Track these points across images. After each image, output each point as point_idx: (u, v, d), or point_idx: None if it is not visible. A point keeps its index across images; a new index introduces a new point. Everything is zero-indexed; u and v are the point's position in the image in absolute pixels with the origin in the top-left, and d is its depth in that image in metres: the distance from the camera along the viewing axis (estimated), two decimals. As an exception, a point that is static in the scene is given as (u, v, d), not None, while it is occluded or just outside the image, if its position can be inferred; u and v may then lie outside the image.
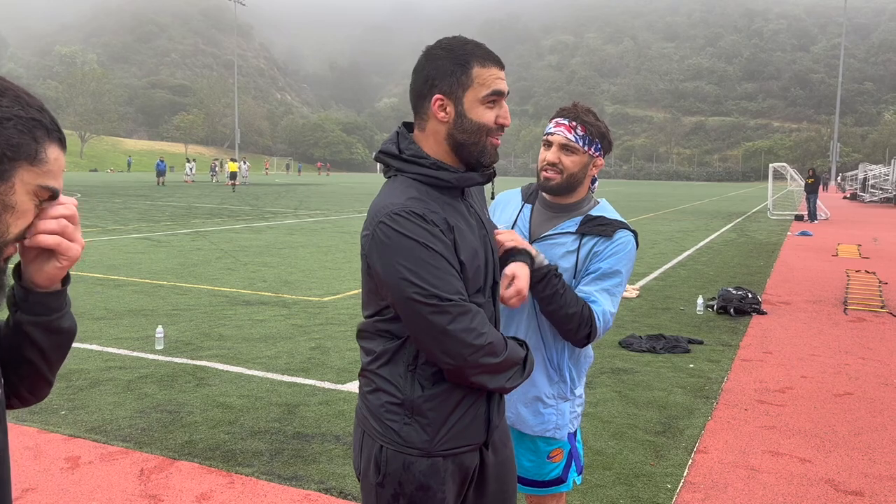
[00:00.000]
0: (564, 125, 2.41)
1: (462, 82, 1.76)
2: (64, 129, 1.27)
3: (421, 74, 1.81)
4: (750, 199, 41.16)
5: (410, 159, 1.81)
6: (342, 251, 14.13)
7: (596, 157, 2.47)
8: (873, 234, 19.85)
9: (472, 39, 1.81)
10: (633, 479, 4.15)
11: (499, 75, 1.80)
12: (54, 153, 1.20)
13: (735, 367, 6.52)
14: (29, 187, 1.17)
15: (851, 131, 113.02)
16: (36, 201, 1.19)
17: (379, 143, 28.59)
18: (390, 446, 1.81)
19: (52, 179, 1.20)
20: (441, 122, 1.79)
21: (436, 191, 1.80)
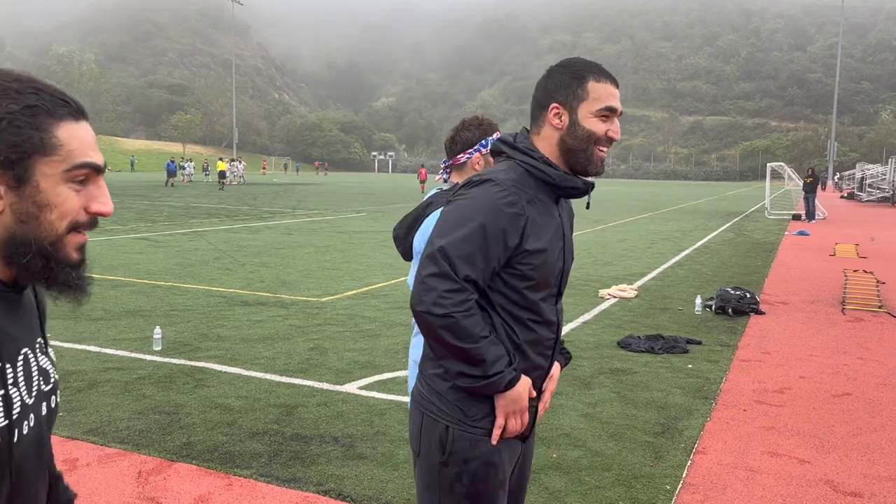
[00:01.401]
0: None
1: (578, 94, 1.94)
2: None
3: (542, 87, 2.01)
4: (747, 199, 41.20)
5: (522, 149, 1.98)
6: (340, 251, 14.12)
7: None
8: (871, 234, 19.87)
9: (591, 60, 2.00)
10: (633, 480, 4.14)
11: (613, 93, 1.97)
12: (67, 131, 1.11)
13: (733, 367, 6.52)
14: (56, 178, 1.10)
15: (849, 131, 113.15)
16: (76, 185, 1.12)
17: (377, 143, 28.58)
18: (456, 426, 1.92)
19: (80, 156, 1.12)
20: (555, 129, 1.97)
21: (536, 183, 1.95)
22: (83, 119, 1.15)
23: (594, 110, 1.93)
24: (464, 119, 3.08)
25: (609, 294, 9.84)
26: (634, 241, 17.16)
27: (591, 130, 1.93)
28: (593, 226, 21.40)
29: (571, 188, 1.96)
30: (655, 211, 29.78)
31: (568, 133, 1.94)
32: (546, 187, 1.95)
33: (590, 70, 1.96)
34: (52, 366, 1.27)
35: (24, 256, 1.11)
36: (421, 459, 2.00)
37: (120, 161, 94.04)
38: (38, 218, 1.10)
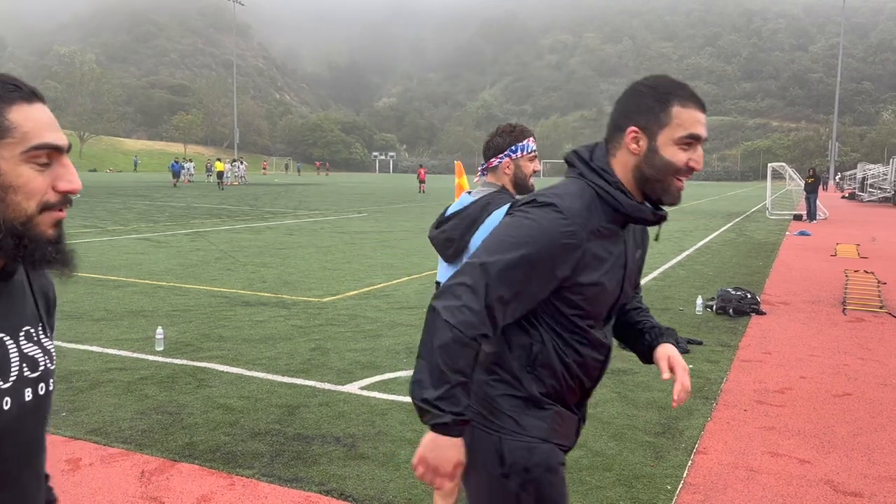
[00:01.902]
0: None
1: (660, 119, 1.78)
2: (63, 129, 1.22)
3: (621, 106, 1.86)
4: (749, 199, 41.18)
5: (597, 169, 1.85)
6: (342, 251, 14.13)
7: None
8: (872, 234, 19.87)
9: (678, 80, 1.83)
10: (633, 480, 4.16)
11: (699, 119, 1.81)
12: (21, 113, 1.14)
13: (734, 367, 6.53)
14: (15, 159, 1.13)
15: (850, 131, 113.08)
16: (38, 166, 1.15)
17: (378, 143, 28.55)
18: (510, 436, 1.87)
19: (35, 137, 1.14)
20: (632, 154, 1.83)
21: (604, 209, 1.83)
22: (37, 101, 1.17)
23: (676, 137, 1.78)
24: (499, 125, 3.22)
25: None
26: (635, 242, 17.15)
27: (669, 160, 1.79)
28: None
29: (641, 218, 1.86)
30: (656, 211, 29.75)
31: (645, 160, 1.81)
32: (615, 213, 1.84)
33: (675, 94, 1.79)
34: (44, 354, 1.28)
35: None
36: (476, 473, 1.92)
37: (122, 161, 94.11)
38: (3, 200, 1.13)
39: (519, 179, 3.12)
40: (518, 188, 3.13)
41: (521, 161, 3.10)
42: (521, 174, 3.11)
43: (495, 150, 3.11)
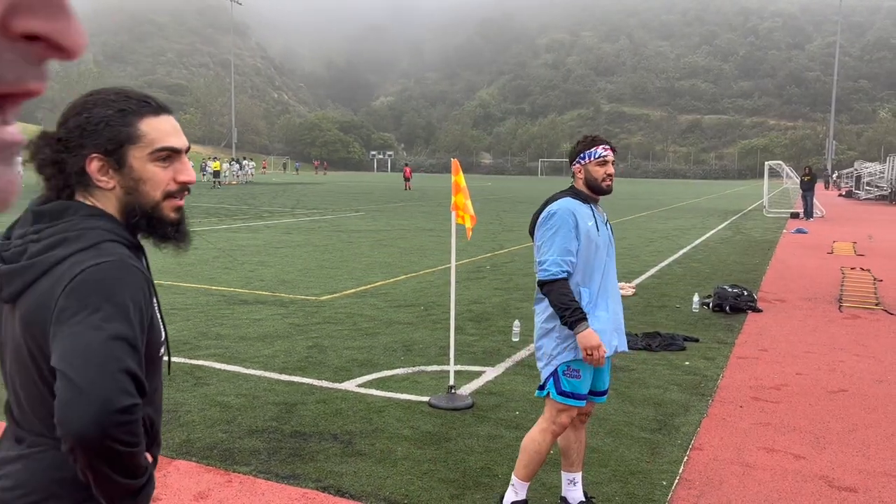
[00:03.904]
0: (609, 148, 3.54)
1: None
2: None
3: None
4: (746, 197, 41.24)
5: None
6: (339, 250, 14.14)
7: None
8: (868, 232, 19.91)
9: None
10: (629, 476, 4.17)
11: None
12: (149, 124, 1.51)
13: (730, 364, 6.55)
14: (144, 159, 1.52)
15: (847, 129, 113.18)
16: (161, 163, 1.54)
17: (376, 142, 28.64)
18: None
19: (159, 142, 1.52)
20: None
21: None
22: (163, 113, 1.55)
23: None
24: None
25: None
26: (632, 240, 17.18)
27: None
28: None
29: None
30: (654, 209, 29.81)
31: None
32: None
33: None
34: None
35: (134, 218, 1.55)
36: None
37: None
38: (137, 189, 1.53)
39: (590, 182, 3.51)
40: (592, 190, 3.53)
41: (590, 166, 3.49)
42: (591, 177, 3.49)
43: (570, 159, 3.57)
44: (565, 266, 3.34)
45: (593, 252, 3.44)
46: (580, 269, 3.41)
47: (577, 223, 3.39)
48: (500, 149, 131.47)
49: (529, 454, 3.54)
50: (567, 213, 3.39)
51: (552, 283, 3.34)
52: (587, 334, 3.30)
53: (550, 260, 3.35)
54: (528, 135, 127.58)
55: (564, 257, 3.35)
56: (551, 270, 3.34)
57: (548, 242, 3.40)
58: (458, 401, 5.26)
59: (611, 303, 3.52)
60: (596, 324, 3.39)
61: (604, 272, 3.49)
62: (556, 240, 3.37)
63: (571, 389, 3.42)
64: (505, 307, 8.85)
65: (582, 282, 3.42)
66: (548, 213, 3.44)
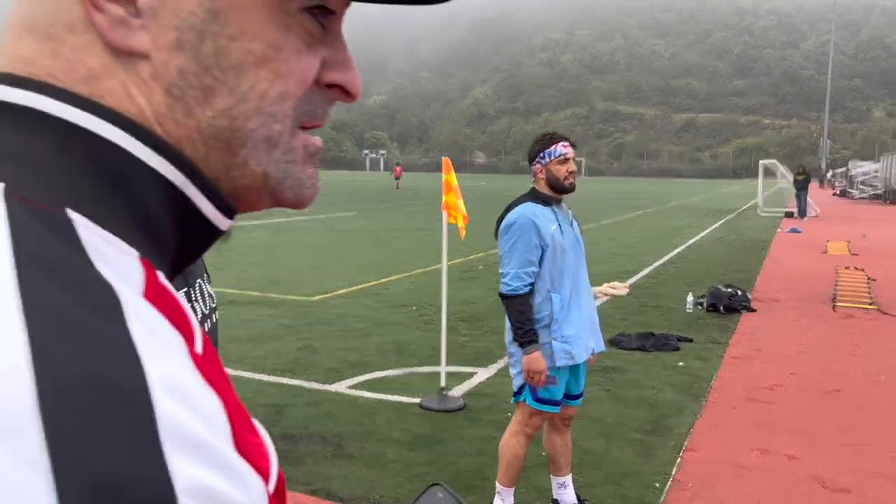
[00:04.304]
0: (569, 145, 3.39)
1: None
2: None
3: None
4: (740, 196, 41.31)
5: None
6: (331, 250, 14.09)
7: None
8: (863, 231, 19.93)
9: None
10: (622, 478, 4.14)
11: None
12: None
13: (724, 364, 6.52)
14: None
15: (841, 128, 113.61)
16: None
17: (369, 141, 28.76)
18: None
19: None
20: None
21: None
22: None
23: None
24: None
25: (601, 292, 9.82)
26: (627, 239, 17.18)
27: None
28: (586, 223, 21.35)
29: None
30: (648, 208, 29.83)
31: None
32: None
33: None
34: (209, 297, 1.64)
35: None
36: None
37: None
38: None
39: (552, 182, 3.39)
40: (554, 189, 3.41)
41: (551, 166, 3.36)
42: (553, 177, 3.37)
43: (529, 159, 3.44)
44: (526, 279, 3.29)
45: (560, 256, 3.36)
46: (549, 276, 3.34)
47: (539, 230, 3.31)
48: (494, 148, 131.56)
49: (507, 459, 3.51)
50: (526, 222, 3.31)
51: (511, 298, 3.31)
52: (534, 357, 3.27)
53: (511, 273, 3.30)
54: (522, 133, 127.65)
55: (525, 269, 3.29)
56: (512, 285, 3.30)
57: (508, 254, 3.34)
58: (450, 402, 5.22)
59: (584, 304, 3.46)
60: (570, 328, 3.34)
61: (574, 274, 3.43)
62: (516, 252, 3.31)
63: (549, 396, 3.40)
64: (497, 307, 8.76)
65: (553, 287, 3.35)
66: (507, 224, 3.37)
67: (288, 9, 0.47)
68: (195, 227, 0.51)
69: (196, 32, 0.46)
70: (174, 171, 0.47)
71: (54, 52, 0.45)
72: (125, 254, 0.40)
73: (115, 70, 0.45)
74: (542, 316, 3.35)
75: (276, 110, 0.49)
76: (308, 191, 0.55)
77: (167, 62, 0.46)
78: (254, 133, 0.49)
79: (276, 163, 0.51)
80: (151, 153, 0.46)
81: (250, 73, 0.47)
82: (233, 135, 0.48)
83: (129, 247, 0.41)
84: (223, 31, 0.46)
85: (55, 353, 0.32)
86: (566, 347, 3.34)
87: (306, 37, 0.49)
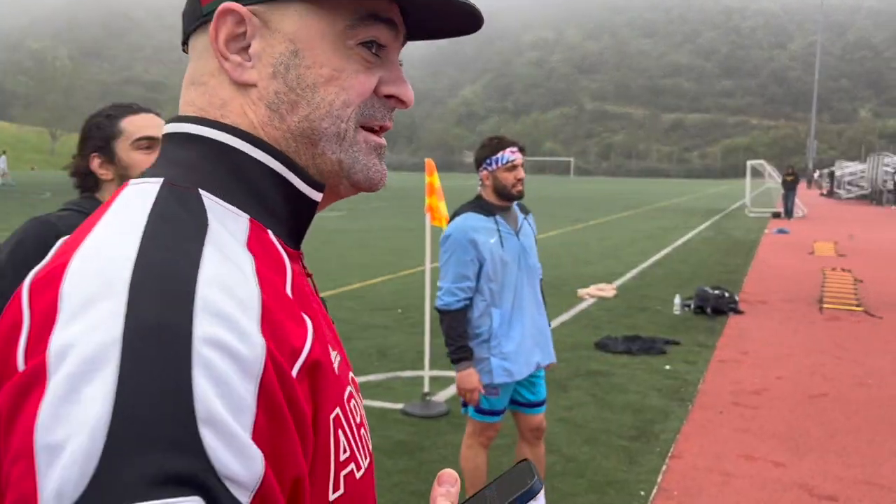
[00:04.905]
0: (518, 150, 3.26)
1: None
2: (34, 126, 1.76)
3: None
4: (728, 197, 41.42)
5: None
6: (317, 251, 13.98)
7: None
8: (850, 231, 19.99)
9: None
10: (606, 486, 4.07)
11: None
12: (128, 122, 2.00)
13: (711, 368, 6.47)
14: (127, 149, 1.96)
15: (828, 128, 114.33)
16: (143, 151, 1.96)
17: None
18: None
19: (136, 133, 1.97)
20: None
21: None
22: (141, 112, 2.03)
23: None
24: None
25: (588, 294, 9.78)
26: (615, 240, 17.15)
27: None
28: (573, 224, 21.38)
29: None
30: (636, 209, 29.85)
31: None
32: None
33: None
34: None
35: None
36: None
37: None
38: (128, 176, 1.89)
39: (499, 190, 3.24)
40: (501, 197, 3.26)
41: (498, 173, 3.21)
42: (500, 185, 3.22)
43: (476, 164, 3.30)
44: (461, 294, 3.21)
45: (500, 269, 3.23)
46: (487, 290, 3.23)
47: (477, 244, 3.19)
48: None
49: (469, 472, 3.45)
50: (462, 236, 3.20)
51: (444, 313, 3.23)
52: (466, 375, 3.18)
53: (445, 288, 3.23)
54: (511, 133, 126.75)
55: (459, 284, 3.20)
56: (444, 300, 3.22)
57: (443, 268, 3.26)
58: (433, 408, 5.14)
59: (527, 319, 3.33)
60: (510, 345, 3.24)
61: (516, 287, 3.29)
62: (450, 266, 3.23)
63: (490, 407, 3.34)
64: (484, 309, 8.72)
65: (493, 302, 3.24)
66: (444, 236, 3.29)
67: (346, 44, 0.73)
68: (296, 199, 0.75)
69: (284, 66, 0.72)
70: (275, 161, 0.72)
71: (203, 93, 0.75)
72: (236, 215, 0.68)
73: (236, 97, 0.73)
74: (481, 331, 3.25)
75: (341, 114, 0.73)
76: (375, 175, 0.79)
77: (267, 87, 0.72)
78: (327, 130, 0.73)
79: (345, 152, 0.75)
80: (259, 151, 0.72)
81: (321, 89, 0.73)
82: (312, 133, 0.73)
83: (242, 212, 0.68)
84: (302, 62, 0.72)
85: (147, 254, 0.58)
86: (505, 364, 3.23)
87: (363, 62, 0.74)
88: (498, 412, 3.36)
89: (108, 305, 0.54)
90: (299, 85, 0.72)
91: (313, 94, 0.72)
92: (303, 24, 0.71)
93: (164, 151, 0.73)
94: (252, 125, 0.72)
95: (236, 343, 0.55)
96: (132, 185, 0.68)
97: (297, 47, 0.72)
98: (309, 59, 0.72)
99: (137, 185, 0.68)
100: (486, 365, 3.24)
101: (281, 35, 0.72)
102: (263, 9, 0.71)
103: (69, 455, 0.49)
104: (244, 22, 0.71)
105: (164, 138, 0.75)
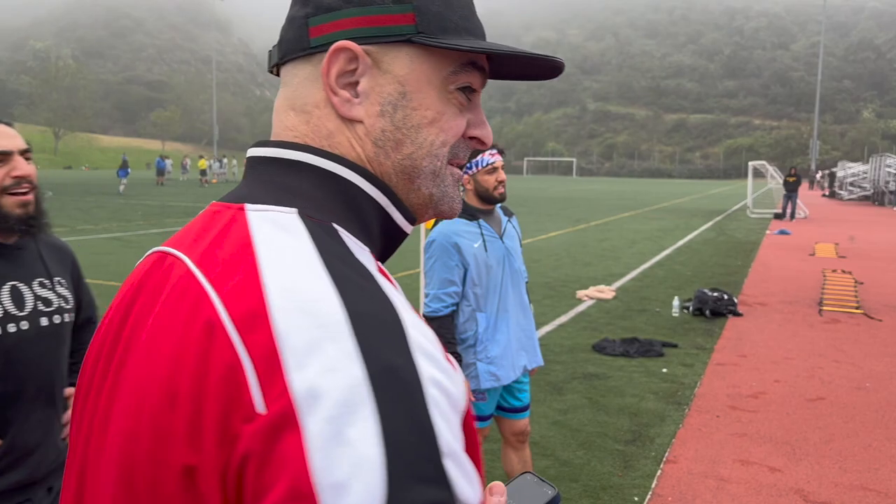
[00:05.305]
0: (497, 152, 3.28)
1: None
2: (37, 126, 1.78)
3: None
4: (730, 197, 41.33)
5: None
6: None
7: None
8: (851, 233, 19.93)
9: None
10: (600, 491, 4.04)
11: None
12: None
13: (708, 371, 6.44)
14: None
15: (831, 129, 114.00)
16: None
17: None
18: None
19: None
20: None
21: None
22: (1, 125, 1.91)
23: None
24: None
25: (586, 295, 9.74)
26: (615, 241, 17.11)
27: None
28: (574, 225, 21.33)
29: None
30: (638, 209, 29.79)
31: None
32: None
33: None
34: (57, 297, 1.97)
35: None
36: None
37: (98, 159, 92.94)
38: None
39: (480, 193, 3.28)
40: (483, 201, 3.30)
41: (478, 176, 3.25)
42: (481, 188, 3.26)
43: None
44: (448, 300, 3.19)
45: (485, 273, 3.24)
46: (472, 295, 3.23)
47: (461, 249, 3.19)
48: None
49: None
50: (445, 242, 3.19)
51: (432, 320, 3.21)
52: None
53: (432, 294, 3.22)
54: (514, 133, 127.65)
55: (445, 290, 3.19)
56: (432, 307, 3.21)
57: (429, 274, 3.25)
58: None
59: (512, 322, 3.33)
60: (495, 349, 3.24)
61: (501, 291, 3.30)
62: (435, 272, 3.22)
63: (477, 412, 3.31)
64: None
65: (477, 307, 3.24)
66: (427, 242, 3.28)
67: (448, 89, 0.77)
68: (392, 231, 0.79)
69: (392, 106, 0.75)
70: (381, 195, 0.76)
71: (307, 121, 0.77)
72: (363, 248, 0.71)
73: (343, 130, 0.76)
74: (466, 336, 3.24)
75: (438, 153, 0.78)
76: (457, 205, 0.84)
77: (374, 124, 0.76)
78: (425, 168, 0.78)
79: (437, 187, 0.80)
80: (369, 185, 0.75)
81: (424, 129, 0.77)
82: (413, 170, 0.78)
83: (364, 244, 0.72)
84: (409, 104, 0.76)
85: (349, 296, 0.61)
86: (491, 369, 3.22)
87: (459, 106, 0.79)
88: (485, 417, 3.35)
89: (339, 347, 0.58)
90: (405, 125, 0.76)
91: (417, 134, 0.76)
92: (412, 67, 0.75)
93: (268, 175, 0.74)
94: (360, 159, 0.76)
95: (447, 381, 0.61)
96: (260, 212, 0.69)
97: (406, 89, 0.75)
98: (416, 101, 0.76)
99: (269, 213, 0.69)
100: (472, 370, 3.23)
101: (391, 76, 0.75)
102: (377, 49, 0.75)
103: (356, 494, 0.53)
104: (356, 60, 0.74)
105: (264, 160, 0.76)
